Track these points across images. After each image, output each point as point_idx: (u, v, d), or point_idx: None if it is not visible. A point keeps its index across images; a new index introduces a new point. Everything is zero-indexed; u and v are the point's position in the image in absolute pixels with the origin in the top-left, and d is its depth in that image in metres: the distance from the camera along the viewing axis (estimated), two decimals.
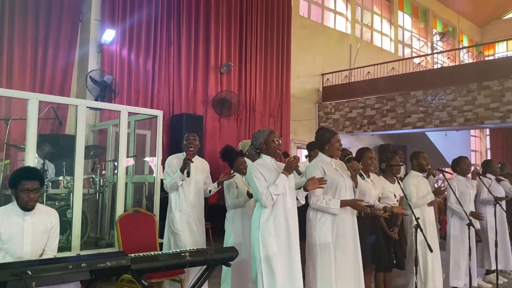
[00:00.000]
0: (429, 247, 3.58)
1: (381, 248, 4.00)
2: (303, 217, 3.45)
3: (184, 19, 8.01)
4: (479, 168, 8.05)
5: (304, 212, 3.48)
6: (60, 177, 5.00)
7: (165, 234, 4.20)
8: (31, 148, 4.06)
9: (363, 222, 3.69)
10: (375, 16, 13.49)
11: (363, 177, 3.54)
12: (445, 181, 7.38)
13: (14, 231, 2.78)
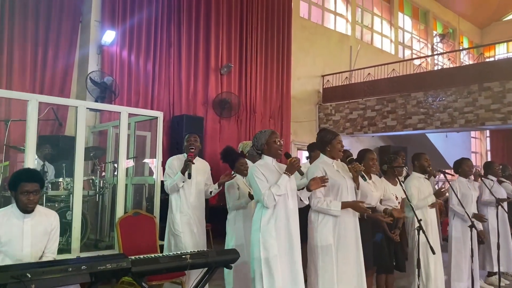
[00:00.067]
0: (431, 249, 3.57)
1: (383, 250, 3.98)
2: (304, 219, 3.43)
3: (185, 20, 7.99)
4: (480, 170, 8.02)
5: (305, 214, 3.46)
6: (60, 179, 4.99)
7: (165, 236, 4.18)
8: (30, 150, 4.04)
9: (365, 224, 3.67)
10: (375, 17, 13.49)
11: (365, 178, 3.52)
12: (445, 183, 7.37)
13: (14, 233, 2.75)
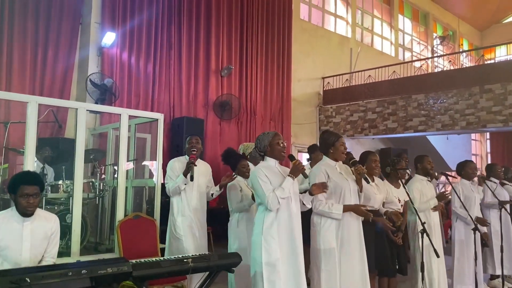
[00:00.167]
0: (435, 252, 3.54)
1: (385, 253, 3.94)
2: (306, 222, 3.39)
3: (185, 22, 7.97)
4: (482, 172, 7.99)
5: (307, 217, 3.42)
6: (60, 181, 4.97)
7: (167, 240, 4.14)
8: (30, 152, 4.01)
9: (367, 227, 3.63)
10: (375, 19, 13.48)
11: (368, 181, 3.49)
12: (445, 185, 7.34)
13: (13, 237, 2.71)
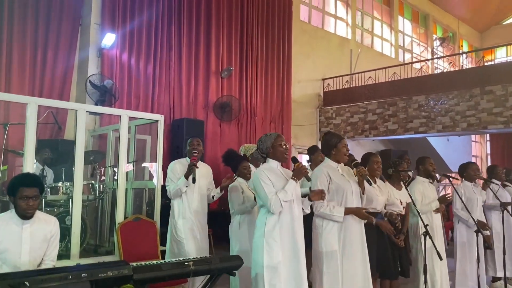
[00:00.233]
0: (438, 255, 3.51)
1: (387, 255, 3.92)
2: (308, 225, 3.36)
3: (185, 23, 7.95)
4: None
5: (309, 220, 3.39)
6: (59, 183, 4.95)
7: (168, 242, 4.10)
8: (29, 154, 3.99)
9: (369, 229, 3.60)
10: (375, 21, 13.48)
11: (370, 183, 3.46)
12: (446, 187, 7.32)
13: (12, 240, 2.68)
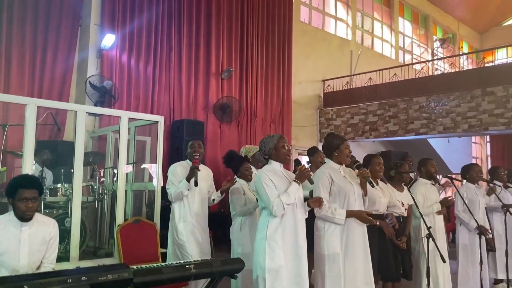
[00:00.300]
0: (441, 257, 3.49)
1: (389, 258, 3.89)
2: (309, 227, 3.33)
3: (185, 24, 7.92)
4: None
5: (310, 222, 3.36)
6: (58, 185, 4.92)
7: (169, 246, 4.05)
8: (28, 155, 3.96)
9: (371, 231, 3.57)
10: (375, 22, 13.46)
11: (373, 184, 3.42)
12: (446, 188, 7.29)
13: (10, 242, 2.64)
